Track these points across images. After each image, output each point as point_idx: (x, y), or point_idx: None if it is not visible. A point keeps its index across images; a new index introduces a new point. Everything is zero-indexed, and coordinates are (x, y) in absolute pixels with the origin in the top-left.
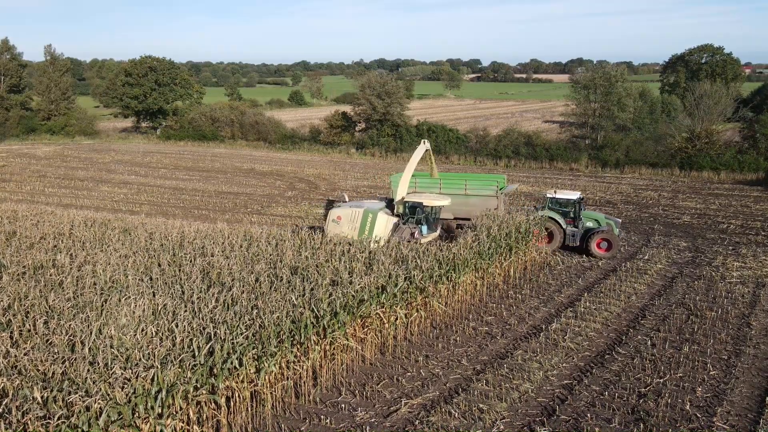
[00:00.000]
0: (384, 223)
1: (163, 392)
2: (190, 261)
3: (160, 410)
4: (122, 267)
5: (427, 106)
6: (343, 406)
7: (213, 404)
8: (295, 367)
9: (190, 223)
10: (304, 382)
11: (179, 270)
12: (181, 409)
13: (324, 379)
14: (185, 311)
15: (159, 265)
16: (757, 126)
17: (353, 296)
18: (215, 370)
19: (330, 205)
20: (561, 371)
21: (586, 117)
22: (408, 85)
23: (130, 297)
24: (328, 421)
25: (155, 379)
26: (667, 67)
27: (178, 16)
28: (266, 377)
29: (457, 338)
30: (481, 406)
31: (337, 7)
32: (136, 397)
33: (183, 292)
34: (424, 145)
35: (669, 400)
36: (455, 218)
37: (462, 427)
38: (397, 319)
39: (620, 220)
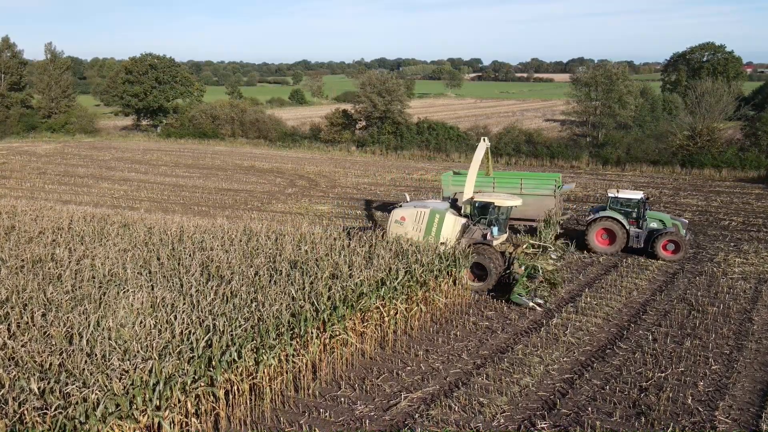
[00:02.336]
0: (452, 225)
1: (161, 384)
2: (190, 255)
3: (158, 402)
4: (121, 261)
5: (427, 105)
6: (342, 399)
7: (211, 397)
8: (294, 360)
9: (190, 219)
10: (304, 376)
11: (178, 264)
12: (179, 401)
13: (323, 372)
14: (184, 304)
15: (158, 258)
16: (758, 124)
17: (353, 290)
18: (213, 363)
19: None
20: (562, 365)
21: (587, 115)
22: (409, 83)
23: (128, 290)
24: (327, 414)
25: (153, 370)
26: (669, 66)
27: (179, 16)
28: (265, 370)
29: (458, 333)
30: (481, 399)
31: (338, 7)
32: (134, 389)
33: (182, 286)
34: (485, 143)
35: (670, 394)
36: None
37: (462, 421)
38: (397, 313)
39: (687, 221)
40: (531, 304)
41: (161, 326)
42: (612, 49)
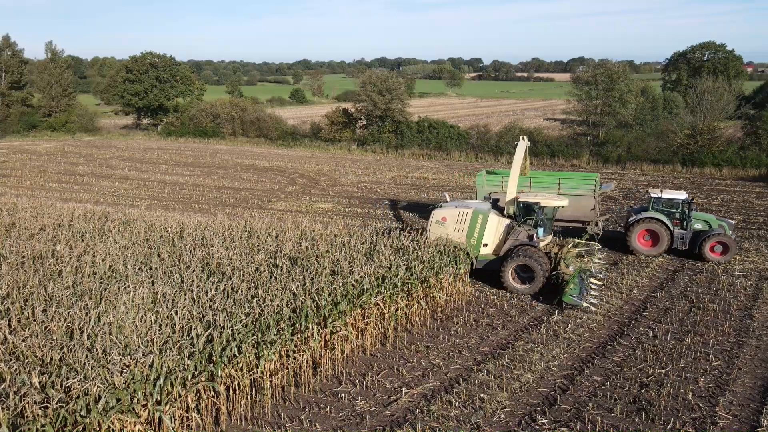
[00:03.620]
0: (495, 225)
1: (162, 379)
2: (190, 251)
3: (158, 397)
4: (121, 257)
5: (428, 104)
6: (343, 395)
7: (212, 392)
8: (295, 356)
9: (190, 216)
10: (304, 372)
11: (179, 260)
12: (179, 396)
13: (324, 368)
14: (184, 299)
15: (159, 255)
16: (759, 123)
17: (353, 286)
18: (214, 358)
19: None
20: (562, 362)
21: (587, 114)
22: (409, 82)
23: (129, 286)
24: (327, 410)
25: (154, 365)
26: (669, 65)
27: (179, 15)
28: (266, 365)
29: (458, 329)
30: (481, 395)
31: (338, 6)
32: (134, 383)
33: (182, 281)
34: (524, 142)
35: (671, 390)
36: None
37: (462, 416)
38: (397, 309)
39: (733, 222)
40: (585, 304)
41: (162, 321)
42: (613, 49)
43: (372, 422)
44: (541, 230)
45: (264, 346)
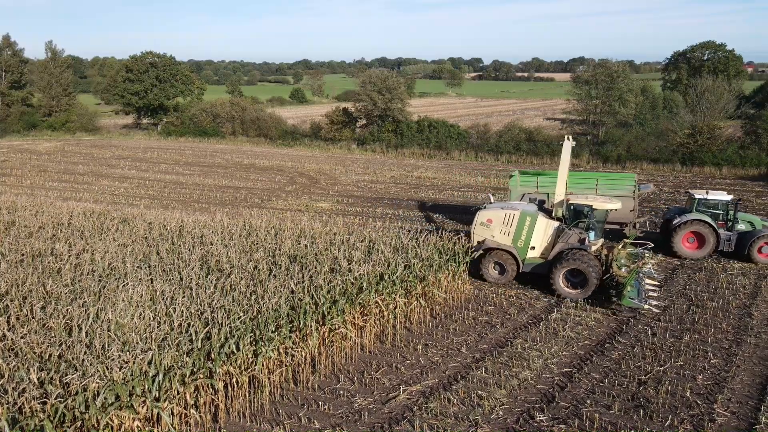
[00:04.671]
0: (543, 228)
1: (161, 375)
2: (189, 249)
3: (157, 393)
4: (120, 255)
5: (428, 104)
6: (341, 392)
7: (210, 389)
8: (293, 353)
9: (190, 215)
10: (303, 369)
11: (178, 258)
12: (178, 392)
13: (323, 366)
14: (183, 297)
15: (158, 253)
16: (759, 122)
17: (352, 284)
18: (213, 355)
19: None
20: (561, 359)
21: (587, 113)
22: (409, 82)
23: (128, 283)
24: (326, 407)
25: (153, 361)
26: (669, 64)
27: (179, 15)
28: (264, 363)
29: (457, 327)
30: (480, 393)
31: (339, 6)
32: (133, 379)
33: (181, 279)
34: (569, 142)
35: (669, 388)
36: None
37: (461, 414)
38: (396, 307)
39: None
40: (646, 306)
41: (160, 318)
42: (613, 49)
43: (370, 419)
44: (592, 233)
45: (262, 344)
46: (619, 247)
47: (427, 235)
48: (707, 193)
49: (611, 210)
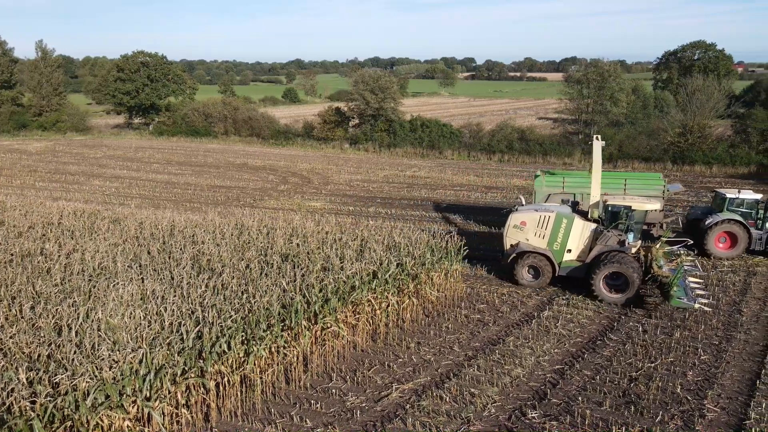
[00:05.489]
0: (580, 230)
1: (151, 374)
2: (180, 248)
3: (148, 393)
4: (111, 254)
5: (421, 104)
6: (333, 391)
7: (202, 388)
8: (285, 352)
9: (181, 214)
10: (295, 368)
11: (169, 257)
12: (169, 392)
13: (315, 364)
14: (174, 296)
15: (149, 252)
16: (749, 121)
17: (344, 282)
18: (204, 354)
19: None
20: (553, 357)
21: (579, 112)
22: (402, 82)
23: (118, 283)
24: (318, 406)
25: (143, 360)
26: (660, 64)
27: (172, 15)
28: (255, 362)
29: (449, 325)
30: (472, 390)
31: (333, 6)
32: (123, 379)
33: (172, 278)
34: (599, 142)
35: (660, 384)
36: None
37: (453, 411)
38: (388, 306)
39: None
40: (697, 306)
41: (151, 317)
42: (605, 49)
43: (363, 418)
44: (631, 235)
45: (254, 343)
46: (657, 246)
47: (420, 233)
48: (739, 192)
49: (650, 211)
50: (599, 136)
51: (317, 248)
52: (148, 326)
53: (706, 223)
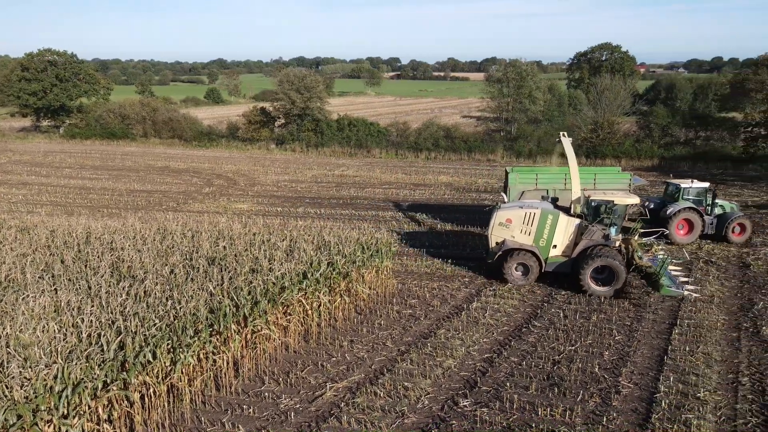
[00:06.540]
0: (565, 226)
1: (68, 390)
2: (98, 256)
3: (65, 410)
4: (19, 265)
5: (347, 103)
6: (266, 394)
7: (125, 401)
8: (214, 358)
9: (98, 221)
10: (225, 374)
11: (85, 266)
12: (89, 407)
13: (246, 369)
14: (92, 306)
15: (62, 261)
16: (651, 117)
17: (274, 283)
18: (127, 365)
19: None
20: (482, 346)
21: (500, 111)
22: (328, 81)
23: (28, 295)
24: (251, 410)
25: (59, 376)
26: (573, 64)
27: (82, 11)
28: (183, 370)
29: (382, 322)
30: (405, 384)
31: (255, 5)
32: (36, 397)
33: (90, 288)
34: (566, 138)
35: (580, 365)
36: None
37: (387, 406)
38: (320, 305)
39: (737, 205)
40: (685, 292)
41: (67, 330)
42: (522, 50)
43: (297, 419)
44: (614, 229)
45: (180, 350)
46: (635, 238)
47: (349, 231)
48: (692, 182)
49: (631, 205)
50: (564, 133)
51: (245, 250)
52: (64, 339)
53: (668, 212)
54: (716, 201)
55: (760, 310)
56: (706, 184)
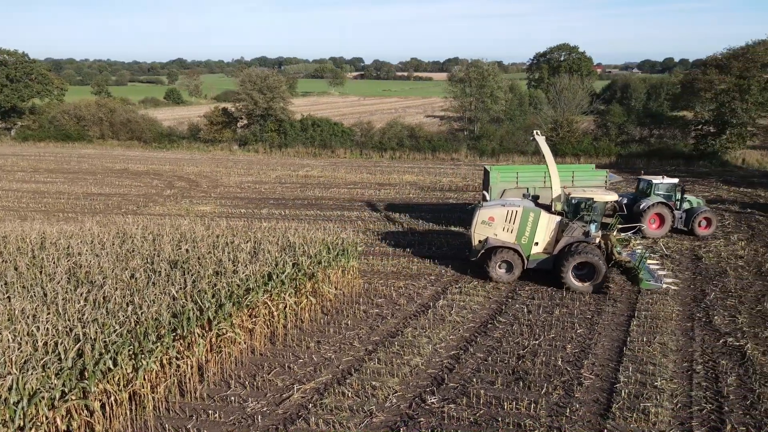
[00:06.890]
0: (546, 223)
1: (24, 401)
2: (54, 262)
3: (21, 422)
4: None
5: (311, 103)
6: (232, 398)
7: (85, 410)
8: (178, 363)
9: (53, 225)
10: (190, 379)
11: (40, 272)
12: (46, 418)
13: (211, 373)
14: (48, 314)
15: (15, 268)
16: (608, 116)
17: (238, 285)
18: (86, 373)
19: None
20: (448, 343)
21: (463, 110)
22: (291, 81)
23: None
24: (216, 415)
25: (14, 387)
26: (533, 65)
27: (32, 8)
28: (145, 376)
29: (349, 322)
30: (373, 383)
31: (216, 4)
32: None
33: (45, 294)
34: (540, 136)
35: (544, 359)
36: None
37: (356, 406)
38: (286, 306)
39: (703, 200)
40: (665, 286)
41: (21, 339)
42: (484, 50)
43: (264, 422)
44: (593, 226)
45: (142, 356)
46: (613, 234)
47: (314, 231)
48: (663, 178)
49: (609, 202)
50: (538, 131)
51: (208, 253)
52: (19, 349)
53: (641, 207)
54: (684, 196)
55: (712, 301)
56: (676, 180)
